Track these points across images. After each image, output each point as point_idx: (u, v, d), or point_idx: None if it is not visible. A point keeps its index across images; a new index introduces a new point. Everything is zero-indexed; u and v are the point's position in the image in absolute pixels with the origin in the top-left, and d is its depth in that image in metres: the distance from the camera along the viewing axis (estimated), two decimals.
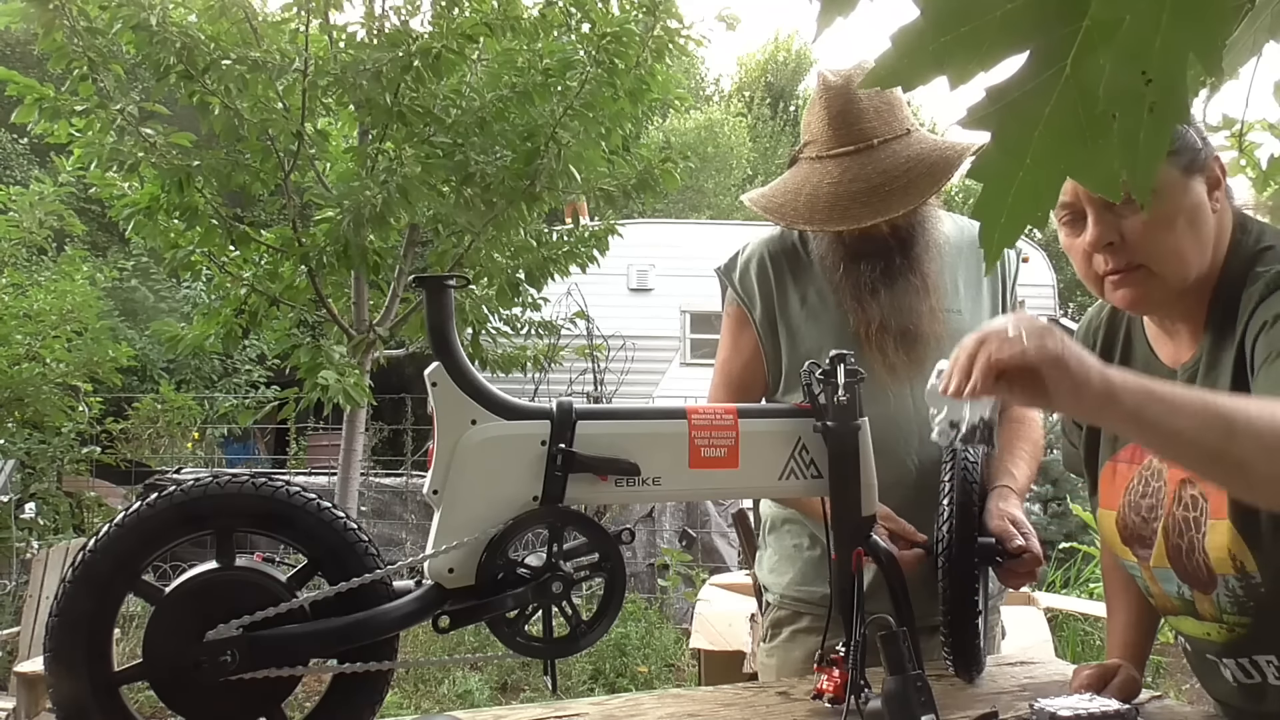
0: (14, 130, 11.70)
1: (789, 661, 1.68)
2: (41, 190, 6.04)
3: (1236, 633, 1.21)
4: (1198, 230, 1.17)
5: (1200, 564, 1.20)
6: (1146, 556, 1.27)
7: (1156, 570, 1.27)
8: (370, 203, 4.07)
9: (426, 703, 4.81)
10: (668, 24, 4.55)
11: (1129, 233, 1.16)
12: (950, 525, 1.34)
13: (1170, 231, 1.15)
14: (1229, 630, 1.22)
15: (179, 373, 10.74)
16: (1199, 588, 1.22)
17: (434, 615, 1.12)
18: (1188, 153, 1.16)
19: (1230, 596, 1.19)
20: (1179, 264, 1.17)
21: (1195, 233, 1.16)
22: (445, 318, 1.16)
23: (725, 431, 1.19)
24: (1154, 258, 1.17)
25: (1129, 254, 1.17)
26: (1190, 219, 1.16)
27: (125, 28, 3.92)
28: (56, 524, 6.96)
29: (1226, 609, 1.20)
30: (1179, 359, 1.24)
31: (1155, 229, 1.15)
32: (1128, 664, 1.36)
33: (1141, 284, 1.19)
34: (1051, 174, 0.49)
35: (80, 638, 1.05)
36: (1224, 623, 1.22)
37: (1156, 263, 1.17)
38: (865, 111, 1.54)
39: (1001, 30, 0.47)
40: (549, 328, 5.77)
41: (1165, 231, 1.15)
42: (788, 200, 1.58)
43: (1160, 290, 1.19)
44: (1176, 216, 1.15)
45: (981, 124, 0.49)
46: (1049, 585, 5.49)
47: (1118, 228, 1.17)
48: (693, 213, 17.89)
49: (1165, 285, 1.18)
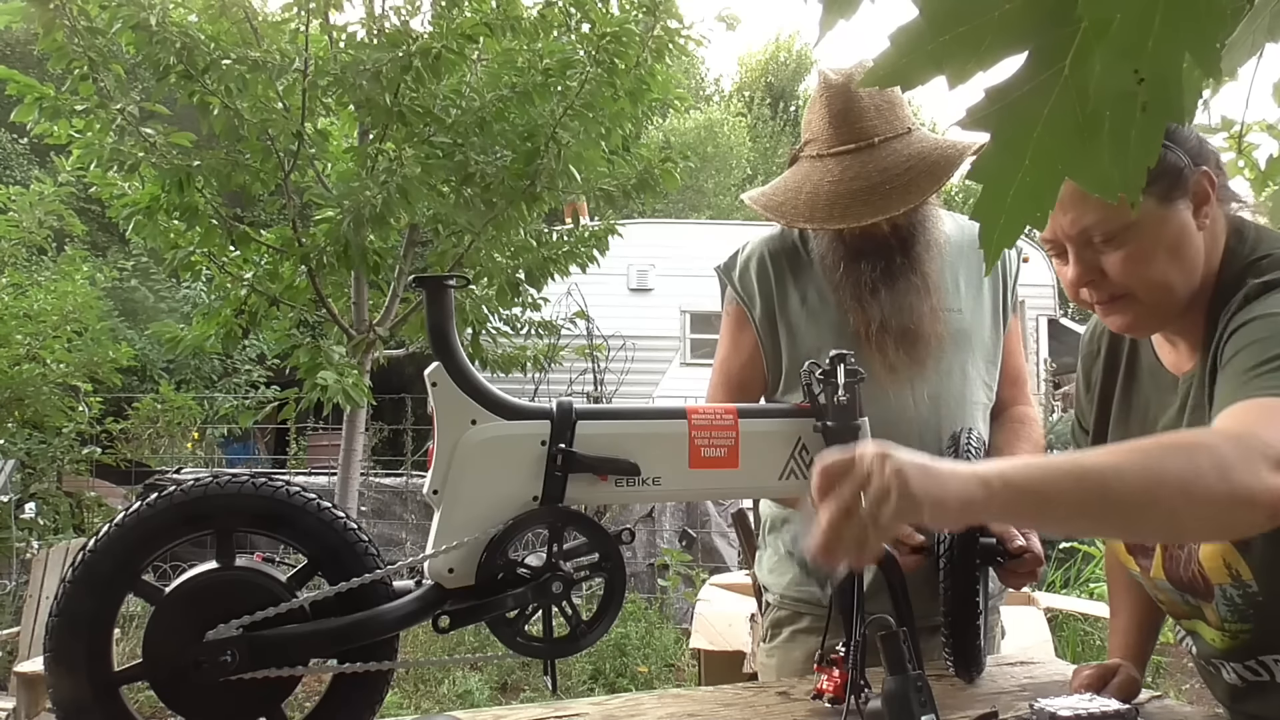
0: (14, 130, 11.71)
1: (789, 661, 1.68)
2: (42, 190, 6.04)
3: (1240, 639, 1.21)
4: (1181, 257, 1.15)
5: (1196, 574, 1.20)
6: (1148, 567, 1.28)
7: (1156, 580, 1.27)
8: (370, 203, 4.07)
9: (426, 703, 4.81)
10: (668, 24, 4.55)
11: (1109, 269, 1.16)
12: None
13: (1150, 264, 1.14)
14: (1232, 637, 1.22)
15: (179, 373, 10.74)
16: (1199, 597, 1.22)
17: (434, 615, 1.12)
18: (1167, 177, 1.13)
19: (1229, 605, 1.19)
20: (1164, 292, 1.16)
21: (1178, 260, 1.15)
22: (445, 318, 1.16)
23: (725, 431, 1.19)
24: (1137, 288, 1.16)
25: (1112, 286, 1.17)
26: (1171, 248, 1.14)
27: (125, 27, 3.92)
28: (56, 524, 6.96)
29: (1227, 617, 1.20)
30: (1182, 368, 1.23)
31: (1134, 264, 1.14)
32: (1128, 664, 1.36)
33: (1129, 310, 1.19)
34: (1051, 174, 0.49)
35: (80, 638, 1.05)
36: (1226, 630, 1.22)
37: (1141, 292, 1.16)
38: (866, 110, 1.54)
39: (1000, 30, 0.47)
40: (549, 328, 5.77)
41: (1145, 265, 1.14)
42: (788, 199, 1.57)
43: (1150, 316, 1.19)
44: (1156, 250, 1.14)
45: (981, 124, 0.49)
46: (1049, 585, 5.49)
47: (1097, 265, 1.16)
48: (693, 213, 17.90)
49: (1153, 311, 1.18)
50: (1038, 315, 10.14)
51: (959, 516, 0.94)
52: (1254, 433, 0.93)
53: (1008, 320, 1.73)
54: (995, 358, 1.71)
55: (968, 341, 1.65)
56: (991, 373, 1.70)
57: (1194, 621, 1.27)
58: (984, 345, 1.68)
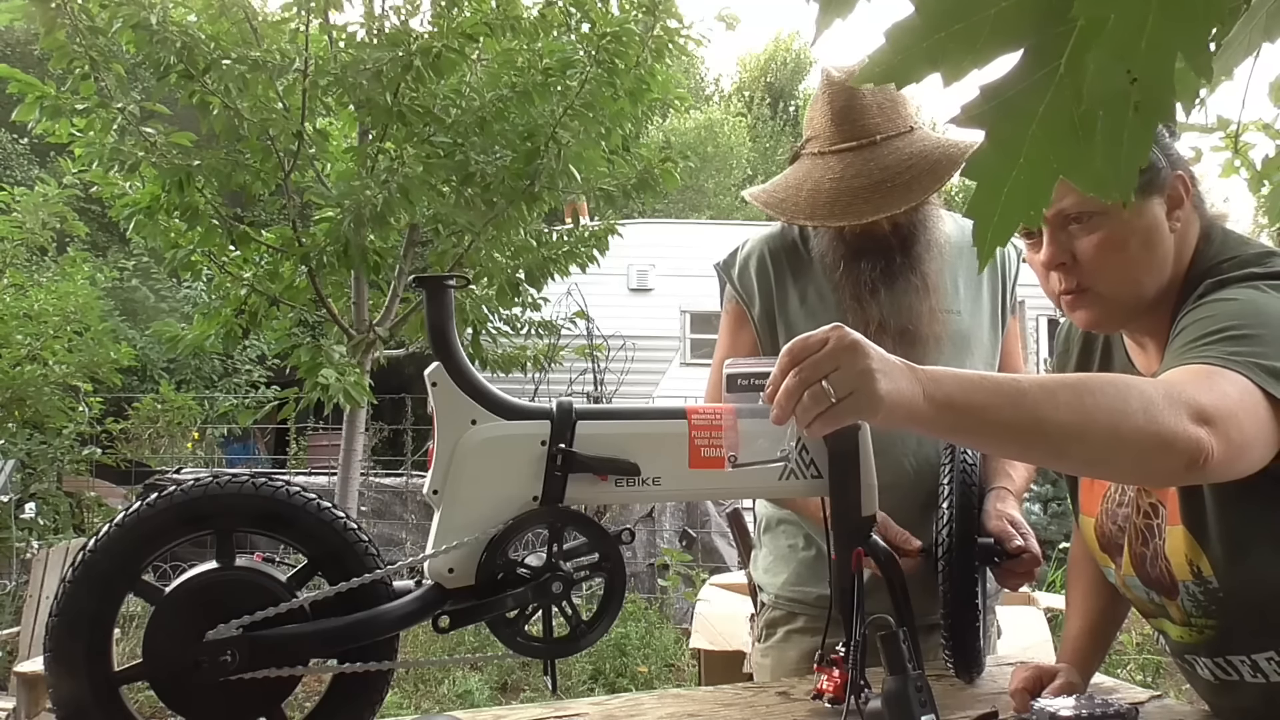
0: (14, 130, 11.71)
1: (783, 661, 1.68)
2: (45, 191, 6.05)
3: (1206, 634, 1.22)
4: (1152, 251, 1.17)
5: (1163, 571, 1.21)
6: (1119, 564, 1.28)
7: (1126, 578, 1.28)
8: (370, 203, 4.07)
9: (426, 703, 4.81)
10: (667, 24, 4.55)
11: (1081, 253, 1.17)
12: (950, 528, 1.34)
13: (1122, 253, 1.16)
14: (1199, 632, 1.22)
15: (179, 373, 10.74)
16: (1165, 594, 1.23)
17: (434, 615, 1.12)
18: (1145, 173, 1.15)
19: (1193, 601, 1.20)
20: (1131, 285, 1.18)
21: (1149, 254, 1.17)
22: (445, 318, 1.16)
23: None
24: (1104, 280, 1.18)
25: (1080, 275, 1.18)
26: (1144, 240, 1.16)
27: (126, 27, 3.93)
28: (56, 524, 6.96)
29: (1192, 613, 1.21)
30: (1151, 368, 1.24)
31: (1107, 250, 1.16)
32: (1071, 669, 1.36)
33: (1093, 306, 1.20)
34: (1045, 172, 0.49)
35: (80, 638, 1.05)
36: (1193, 626, 1.22)
37: (1107, 285, 1.18)
38: (869, 108, 1.54)
39: (996, 28, 0.47)
40: (549, 328, 5.77)
41: (1117, 253, 1.16)
42: (789, 195, 1.57)
43: (1114, 311, 1.21)
44: (1129, 238, 1.16)
45: (976, 121, 0.49)
46: (1049, 585, 5.49)
47: (1071, 248, 1.18)
48: (693, 213, 17.90)
49: (1118, 306, 1.20)
50: (1038, 315, 10.14)
51: (901, 426, 0.97)
52: (1183, 387, 0.96)
53: (1006, 322, 1.73)
54: (994, 359, 1.71)
55: (966, 343, 1.65)
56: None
57: (1160, 620, 1.28)
58: (982, 347, 1.68)
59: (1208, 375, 0.99)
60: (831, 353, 0.94)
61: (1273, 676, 1.18)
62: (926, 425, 0.98)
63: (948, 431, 1.04)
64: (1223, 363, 1.00)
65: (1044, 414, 0.93)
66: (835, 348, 0.94)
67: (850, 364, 0.93)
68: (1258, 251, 1.17)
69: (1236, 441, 0.95)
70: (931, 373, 0.97)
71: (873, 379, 0.93)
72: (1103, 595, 1.40)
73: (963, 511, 1.35)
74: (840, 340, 0.95)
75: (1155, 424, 0.92)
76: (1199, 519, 1.15)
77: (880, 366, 0.94)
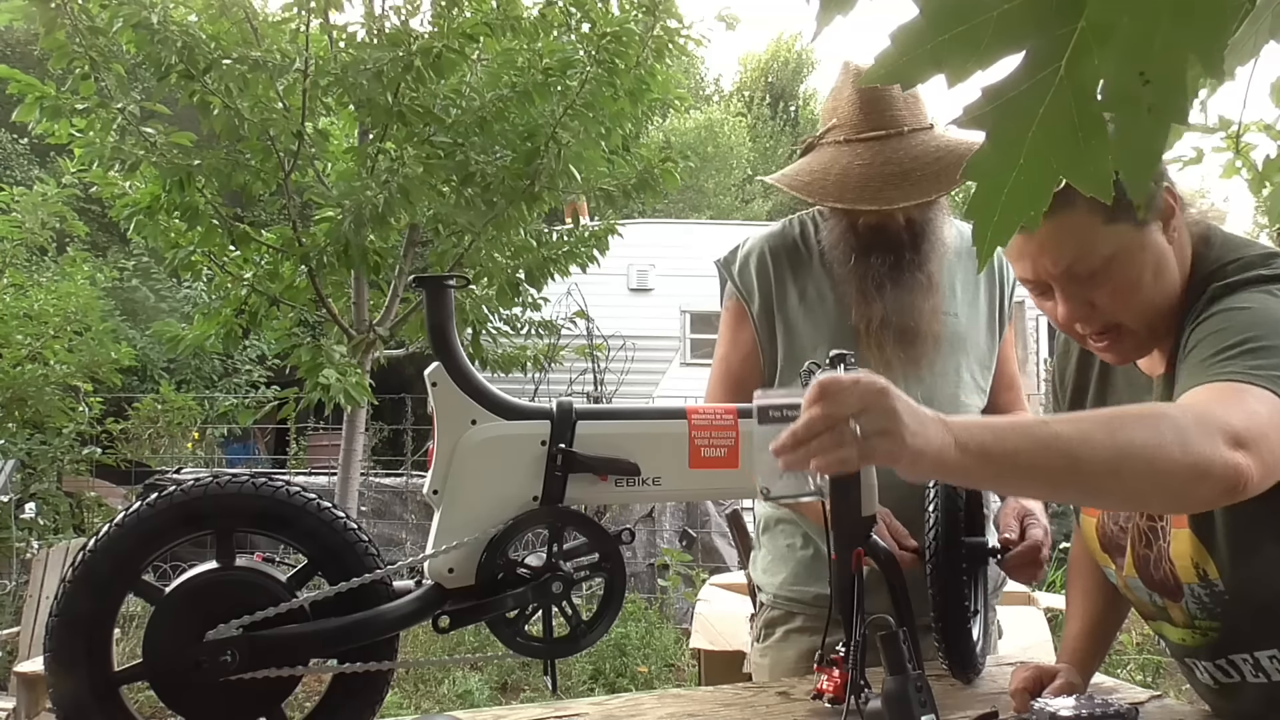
0: (14, 130, 11.71)
1: (782, 661, 1.68)
2: (45, 191, 6.04)
3: (1210, 636, 1.22)
4: (1162, 275, 1.17)
5: (1167, 573, 1.21)
6: (1121, 565, 1.28)
7: (1128, 579, 1.27)
8: (370, 203, 4.07)
9: (426, 703, 4.81)
10: (668, 24, 4.55)
11: (1100, 302, 1.17)
12: (936, 531, 1.34)
13: (1138, 292, 1.16)
14: (1202, 635, 1.22)
15: (179, 373, 10.74)
16: (1168, 596, 1.23)
17: (434, 615, 1.12)
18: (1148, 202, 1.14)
19: (1198, 603, 1.19)
20: (1153, 312, 1.17)
21: (1161, 279, 1.16)
22: (445, 318, 1.16)
23: (725, 431, 1.19)
24: (1128, 316, 1.17)
25: (1104, 318, 1.18)
26: (1155, 269, 1.16)
27: (126, 27, 3.92)
28: (56, 524, 6.96)
29: (1196, 615, 1.21)
30: (1155, 370, 1.25)
31: (1124, 293, 1.15)
32: (1071, 669, 1.36)
33: (1122, 341, 1.20)
34: (1045, 173, 0.49)
35: (80, 638, 1.05)
36: (1196, 628, 1.22)
37: (1131, 319, 1.17)
38: (895, 100, 1.55)
39: (999, 30, 0.47)
40: (549, 328, 5.77)
41: (1134, 293, 1.16)
42: (815, 179, 1.57)
43: (1143, 341, 1.21)
44: (1141, 274, 1.15)
45: (977, 122, 0.49)
46: (1049, 585, 5.48)
47: (1087, 299, 1.17)
48: (693, 213, 17.90)
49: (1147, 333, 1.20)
50: (1038, 315, 10.14)
51: (929, 474, 0.96)
52: (1212, 410, 0.95)
53: (1003, 327, 1.73)
54: (989, 363, 1.71)
55: (962, 345, 1.66)
56: (985, 377, 1.70)
57: (1159, 623, 1.28)
58: (978, 350, 1.69)
59: (1235, 394, 0.98)
60: (861, 393, 0.92)
61: (1274, 675, 1.18)
62: (958, 473, 0.96)
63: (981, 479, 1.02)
64: (1246, 379, 0.99)
65: (1079, 455, 0.92)
66: (865, 389, 0.93)
67: (879, 405, 0.92)
68: (1261, 253, 1.17)
69: (1271, 462, 0.94)
70: (962, 421, 0.95)
71: (899, 421, 0.91)
72: (1103, 596, 1.40)
73: (948, 515, 1.35)
74: (871, 383, 0.93)
75: (1191, 454, 0.90)
76: (1207, 522, 1.15)
77: (908, 412, 0.92)
